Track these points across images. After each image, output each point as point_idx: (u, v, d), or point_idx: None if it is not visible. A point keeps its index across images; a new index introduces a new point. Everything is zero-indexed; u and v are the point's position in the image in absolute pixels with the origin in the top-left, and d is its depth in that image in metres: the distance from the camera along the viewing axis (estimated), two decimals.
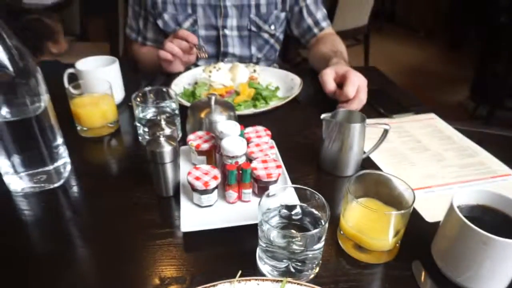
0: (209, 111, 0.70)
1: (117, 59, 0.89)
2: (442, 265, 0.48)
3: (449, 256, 0.46)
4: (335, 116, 0.65)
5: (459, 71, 3.39)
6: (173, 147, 0.57)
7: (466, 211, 0.45)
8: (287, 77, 1.00)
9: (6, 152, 0.60)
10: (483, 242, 0.42)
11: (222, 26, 1.10)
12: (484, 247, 0.42)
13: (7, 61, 0.54)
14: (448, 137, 0.79)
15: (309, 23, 1.16)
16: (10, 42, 0.54)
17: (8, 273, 0.48)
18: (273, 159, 0.59)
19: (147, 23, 1.15)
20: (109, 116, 0.78)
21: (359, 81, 0.80)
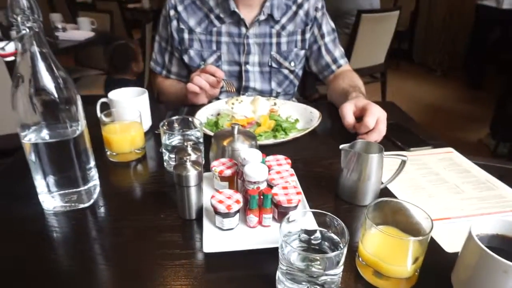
0: (232, 140, 0.74)
1: (146, 91, 0.95)
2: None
3: (469, 285, 0.46)
4: (354, 146, 0.68)
5: (478, 109, 3.39)
6: (198, 172, 0.60)
7: (485, 241, 0.46)
8: (306, 110, 1.03)
9: (43, 172, 0.64)
10: (504, 270, 0.42)
11: (244, 62, 1.16)
12: (504, 275, 0.42)
13: (54, 89, 0.59)
14: (467, 170, 0.79)
15: (328, 61, 1.21)
16: (57, 73, 0.60)
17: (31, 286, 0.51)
18: (293, 186, 0.62)
19: (172, 58, 1.22)
20: (137, 142, 0.82)
21: (379, 113, 0.83)
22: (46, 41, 0.60)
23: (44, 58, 0.59)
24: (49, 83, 0.60)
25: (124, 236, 0.60)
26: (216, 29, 1.14)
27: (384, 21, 2.89)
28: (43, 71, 0.59)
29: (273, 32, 1.15)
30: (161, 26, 1.21)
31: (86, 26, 2.78)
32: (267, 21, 1.14)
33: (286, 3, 1.16)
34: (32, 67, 0.59)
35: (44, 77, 0.59)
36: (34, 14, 0.57)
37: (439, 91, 3.91)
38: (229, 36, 1.14)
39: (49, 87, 0.60)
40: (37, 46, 0.58)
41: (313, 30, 1.19)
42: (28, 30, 0.57)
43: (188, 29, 1.15)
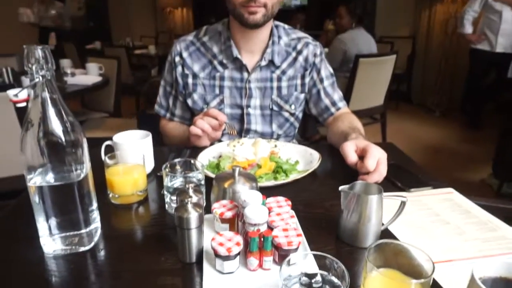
0: (233, 182, 0.75)
1: (150, 134, 0.97)
2: None
3: None
4: (353, 188, 0.69)
5: (479, 149, 3.40)
6: (199, 214, 0.61)
7: (488, 284, 0.45)
8: (306, 152, 1.05)
9: (46, 214, 0.65)
10: None
11: (246, 106, 1.20)
12: None
13: (61, 133, 0.62)
14: (468, 211, 0.79)
15: (327, 103, 1.25)
16: (66, 117, 0.62)
17: None
18: (294, 228, 0.62)
19: (176, 102, 1.27)
20: (139, 184, 0.83)
21: (379, 155, 0.85)
22: (56, 87, 0.63)
23: (54, 104, 0.62)
24: (57, 127, 0.62)
25: (123, 279, 0.60)
26: (219, 74, 1.19)
27: (382, 65, 3.00)
28: (52, 116, 0.62)
29: (273, 76, 1.20)
30: (166, 71, 1.26)
31: (94, 71, 2.88)
32: (268, 66, 1.19)
33: (286, 49, 1.22)
34: (42, 112, 0.61)
35: (53, 122, 0.62)
36: (48, 63, 0.60)
37: (438, 132, 3.96)
38: (231, 81, 1.19)
39: (57, 131, 0.62)
40: (48, 92, 0.61)
41: (312, 74, 1.24)
42: (41, 78, 0.60)
43: (192, 74, 1.20)
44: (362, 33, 3.18)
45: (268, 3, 1.05)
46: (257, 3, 1.03)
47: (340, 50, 3.03)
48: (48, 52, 0.61)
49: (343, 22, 3.22)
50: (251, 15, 1.05)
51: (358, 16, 3.14)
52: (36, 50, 0.59)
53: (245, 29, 1.12)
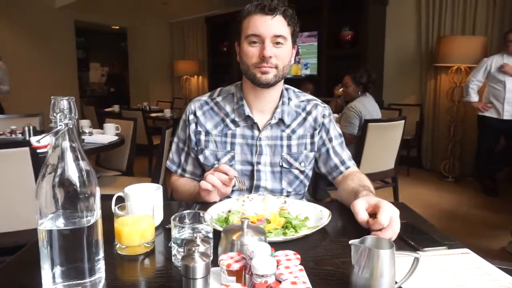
0: (241, 234, 0.74)
1: (161, 186, 0.99)
2: None
3: None
4: (364, 241, 0.67)
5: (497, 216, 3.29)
6: (206, 263, 0.60)
7: None
8: (316, 209, 1.04)
9: (51, 261, 0.64)
10: None
11: (256, 162, 1.22)
12: None
13: (77, 180, 0.64)
14: (488, 273, 0.75)
15: (336, 162, 1.26)
16: (82, 165, 0.65)
17: None
18: (303, 281, 0.60)
19: (188, 158, 1.30)
20: (147, 236, 0.83)
21: (392, 211, 0.84)
22: (77, 137, 0.67)
23: (73, 151, 0.65)
24: (73, 174, 0.64)
25: None
26: (231, 132, 1.23)
27: (391, 129, 3.05)
28: (70, 163, 0.65)
29: (283, 135, 1.24)
30: (180, 129, 1.31)
31: (111, 130, 3.00)
32: (278, 125, 1.23)
33: (296, 110, 1.27)
34: (61, 158, 0.64)
35: (70, 168, 0.64)
36: (71, 113, 0.65)
37: (452, 197, 3.87)
38: (242, 138, 1.23)
39: (73, 178, 0.64)
40: (68, 140, 0.65)
41: (321, 134, 1.28)
42: (64, 126, 0.64)
43: (205, 131, 1.25)
44: (370, 99, 3.29)
45: (279, 64, 1.13)
46: (269, 64, 1.11)
47: (356, 117, 3.11)
48: (73, 103, 0.65)
49: (349, 90, 3.36)
50: (263, 74, 1.13)
51: (363, 85, 3.27)
52: (62, 100, 0.64)
53: (257, 89, 1.18)
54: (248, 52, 1.14)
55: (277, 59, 1.14)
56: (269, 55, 1.11)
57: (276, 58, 1.14)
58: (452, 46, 4.25)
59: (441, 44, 4.34)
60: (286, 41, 1.15)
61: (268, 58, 1.12)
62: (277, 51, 1.14)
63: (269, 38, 1.12)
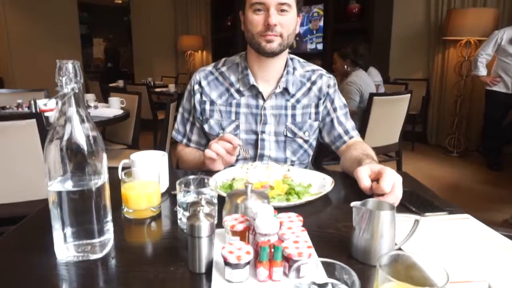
0: (245, 198, 0.76)
1: (166, 154, 1.00)
2: None
3: None
4: (365, 204, 0.68)
5: (500, 190, 3.30)
6: (211, 223, 0.62)
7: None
8: (319, 177, 1.05)
9: (62, 222, 0.66)
10: None
11: (261, 131, 1.23)
12: None
13: (84, 143, 0.65)
14: (486, 236, 0.77)
15: (340, 132, 1.27)
16: (90, 130, 0.66)
17: None
18: (305, 240, 0.61)
19: (193, 128, 1.31)
20: (153, 200, 0.85)
21: (395, 178, 0.84)
22: (83, 102, 0.68)
23: (79, 116, 0.66)
24: (81, 138, 0.65)
25: (132, 286, 0.60)
26: (236, 101, 1.23)
27: (396, 104, 3.02)
28: (77, 127, 0.66)
29: (288, 104, 1.24)
30: (185, 99, 1.31)
31: (116, 104, 3.01)
32: (283, 94, 1.23)
33: (301, 80, 1.27)
34: (68, 123, 0.65)
35: (77, 133, 0.65)
36: (76, 77, 0.65)
37: (457, 172, 3.88)
38: (247, 108, 1.23)
39: (81, 142, 0.65)
40: (75, 104, 0.65)
41: (326, 104, 1.27)
42: (70, 90, 0.65)
43: (210, 101, 1.25)
44: (363, 73, 3.25)
45: (284, 32, 1.12)
46: (273, 32, 1.10)
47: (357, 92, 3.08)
48: (78, 67, 0.66)
49: (337, 66, 3.37)
50: (268, 43, 1.11)
51: (350, 59, 3.24)
52: (67, 64, 0.64)
53: (262, 58, 1.17)
54: (253, 20, 1.13)
55: (282, 27, 1.12)
56: (274, 23, 1.10)
57: (281, 26, 1.12)
58: (462, 19, 4.14)
59: (451, 16, 4.23)
60: (291, 8, 1.13)
61: (273, 26, 1.10)
62: (282, 19, 1.12)
63: (273, 5, 1.10)
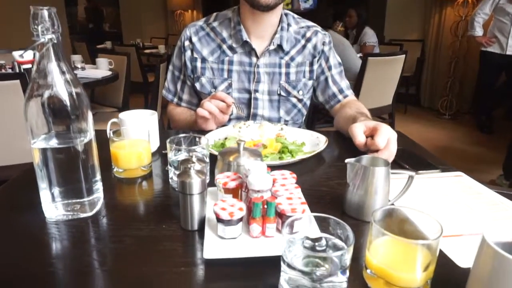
0: (238, 156, 0.74)
1: (155, 112, 0.97)
2: None
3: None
4: (360, 161, 0.67)
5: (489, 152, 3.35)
6: (202, 180, 0.60)
7: (499, 247, 0.44)
8: (313, 136, 1.04)
9: (48, 181, 0.64)
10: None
11: (254, 90, 1.19)
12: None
13: (66, 98, 0.61)
14: (478, 192, 0.77)
15: (334, 91, 1.24)
16: (71, 84, 0.62)
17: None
18: (298, 197, 0.60)
19: (184, 86, 1.26)
20: (143, 159, 0.83)
21: (390, 134, 0.83)
22: (63, 54, 0.63)
23: (60, 69, 0.62)
24: (63, 93, 0.62)
25: (124, 244, 0.59)
26: (228, 58, 1.18)
27: (390, 65, 2.98)
28: (58, 82, 0.62)
29: (282, 62, 1.19)
30: (175, 56, 1.26)
31: (104, 65, 2.91)
32: (277, 51, 1.18)
33: (296, 37, 1.21)
34: (48, 77, 0.61)
35: (59, 87, 0.62)
36: (54, 25, 0.60)
37: (448, 134, 3.91)
38: (240, 65, 1.18)
39: (63, 96, 0.62)
40: (54, 56, 0.61)
41: (321, 62, 1.23)
42: (47, 40, 0.60)
43: (201, 58, 1.20)
44: None
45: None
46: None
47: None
48: (55, 15, 0.61)
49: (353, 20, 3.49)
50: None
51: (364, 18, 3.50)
52: (42, 10, 0.59)
53: (255, 13, 1.11)
54: None
55: None
56: None
57: None
58: None
59: None
60: None
61: None
62: None
63: None
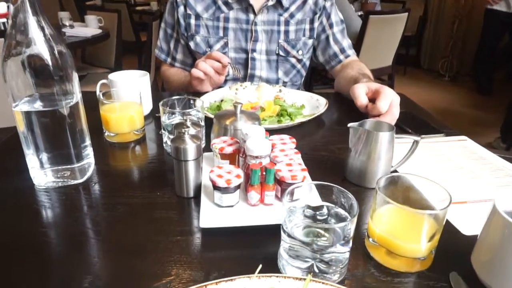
0: (235, 119, 0.70)
1: (148, 73, 0.92)
2: (485, 278, 0.43)
3: (494, 267, 0.42)
4: (363, 125, 0.64)
5: (487, 115, 3.33)
6: (197, 145, 0.57)
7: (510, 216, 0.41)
8: (312, 98, 1.00)
9: (35, 146, 0.61)
10: None
11: (251, 50, 1.13)
12: None
13: (48, 57, 0.56)
14: (482, 157, 0.75)
15: (335, 50, 1.18)
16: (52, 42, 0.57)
17: (24, 261, 0.47)
18: (298, 163, 0.58)
19: (178, 45, 1.20)
20: (136, 123, 0.79)
21: (392, 97, 0.79)
22: (41, 8, 0.57)
23: (39, 25, 0.56)
24: (43, 51, 0.57)
25: (117, 211, 0.57)
26: (224, 15, 1.11)
27: (392, 23, 2.86)
28: (37, 39, 0.56)
29: (281, 20, 1.12)
30: (168, 12, 1.18)
31: (93, 23, 2.78)
32: (276, 8, 1.11)
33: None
34: (26, 33, 0.56)
35: (39, 45, 0.56)
36: None
37: (447, 96, 3.86)
38: (236, 23, 1.11)
39: (44, 55, 0.57)
40: (31, 10, 0.55)
41: (322, 19, 1.16)
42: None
43: (195, 15, 1.12)
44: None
45: None
46: None
47: None
48: None
49: None
50: None
51: None
52: None
53: None
54: None
55: None
56: None
57: None
58: None
59: None
60: None
61: None
62: None
63: None
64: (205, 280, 0.44)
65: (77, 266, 0.46)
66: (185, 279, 0.44)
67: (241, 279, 0.40)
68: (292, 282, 0.40)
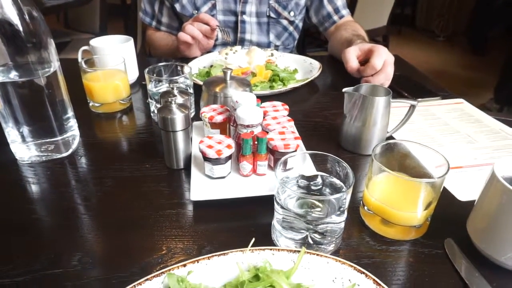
0: (224, 86, 0.67)
1: (131, 38, 0.87)
2: (481, 244, 0.42)
3: (490, 233, 0.41)
4: (358, 89, 0.61)
5: (481, 75, 3.30)
6: (185, 115, 0.54)
7: (508, 182, 0.40)
8: (306, 62, 0.96)
9: (15, 120, 0.58)
10: None
11: (241, 12, 1.07)
12: None
13: (18, 22, 0.52)
14: (479, 120, 0.73)
15: (329, 10, 1.12)
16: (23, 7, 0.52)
17: (10, 239, 0.46)
18: (291, 131, 0.56)
19: (163, 8, 1.13)
20: (121, 92, 0.76)
21: (386, 55, 0.76)
22: None
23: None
24: (12, 15, 0.52)
25: (105, 185, 0.55)
26: None
27: None
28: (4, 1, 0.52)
29: None
30: None
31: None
32: None
33: None
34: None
35: (6, 8, 0.52)
36: None
37: (441, 57, 3.80)
38: None
39: (13, 20, 0.52)
40: None
41: None
42: None
43: None
44: None
45: None
46: None
47: None
48: None
49: None
50: None
51: None
52: None
53: None
54: None
55: None
56: None
57: None
58: None
59: None
60: None
61: None
62: None
63: None
64: (198, 254, 0.43)
65: (65, 243, 0.45)
66: (177, 253, 0.43)
67: (234, 253, 0.39)
68: (286, 254, 0.39)
